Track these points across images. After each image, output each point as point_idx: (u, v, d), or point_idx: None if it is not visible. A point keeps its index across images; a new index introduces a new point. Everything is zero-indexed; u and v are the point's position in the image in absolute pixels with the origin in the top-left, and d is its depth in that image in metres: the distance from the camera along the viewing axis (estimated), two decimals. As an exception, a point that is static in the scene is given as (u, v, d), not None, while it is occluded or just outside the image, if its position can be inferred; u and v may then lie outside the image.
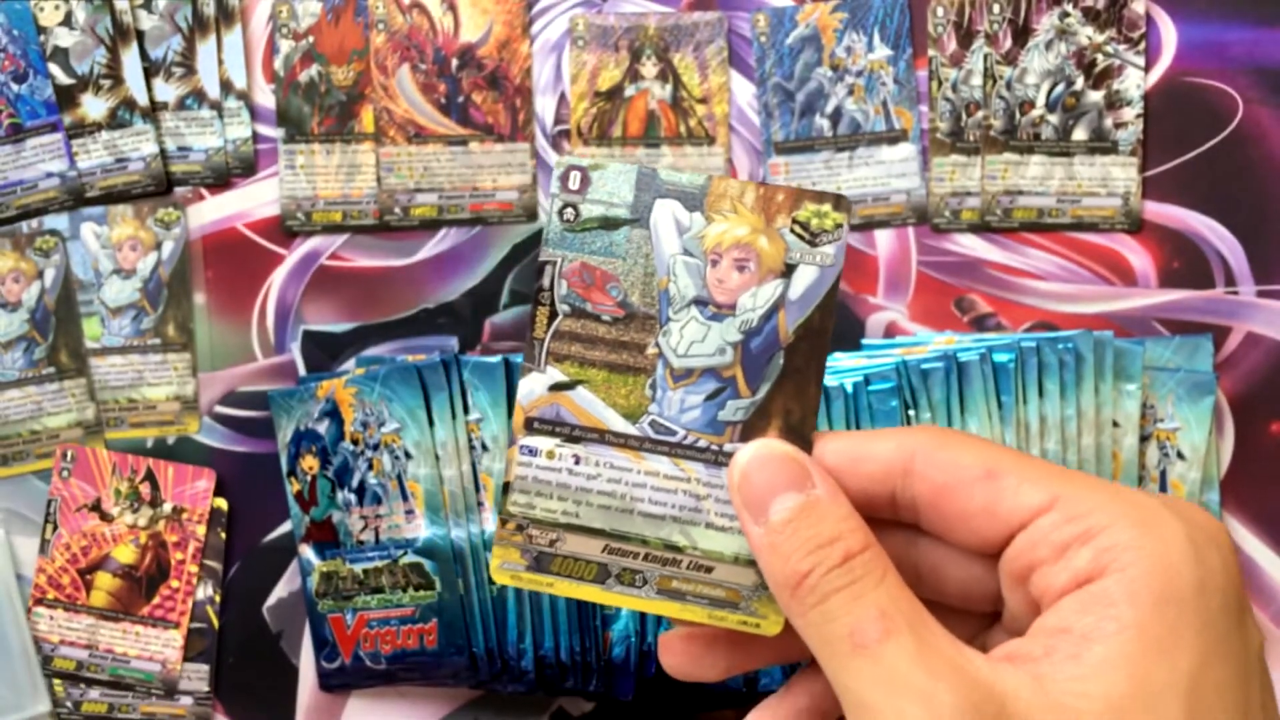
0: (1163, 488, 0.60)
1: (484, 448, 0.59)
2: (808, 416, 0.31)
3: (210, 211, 0.64)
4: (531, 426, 0.32)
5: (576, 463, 0.32)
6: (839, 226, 0.31)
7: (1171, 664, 0.25)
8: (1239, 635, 0.26)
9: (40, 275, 0.63)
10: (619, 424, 0.32)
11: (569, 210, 0.32)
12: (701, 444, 0.32)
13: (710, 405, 0.32)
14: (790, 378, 0.31)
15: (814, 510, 0.28)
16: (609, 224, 0.32)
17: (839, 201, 0.31)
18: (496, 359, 0.59)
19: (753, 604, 0.32)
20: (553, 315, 0.32)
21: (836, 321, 0.33)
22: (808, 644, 0.28)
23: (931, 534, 0.31)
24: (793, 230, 0.31)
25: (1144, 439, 0.59)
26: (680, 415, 0.32)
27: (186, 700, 0.62)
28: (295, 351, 0.64)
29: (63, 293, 0.64)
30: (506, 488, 0.32)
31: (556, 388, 0.32)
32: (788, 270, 0.31)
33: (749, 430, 0.32)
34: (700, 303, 0.32)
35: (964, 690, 0.25)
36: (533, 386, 0.32)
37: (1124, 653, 0.25)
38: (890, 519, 0.31)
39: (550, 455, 0.32)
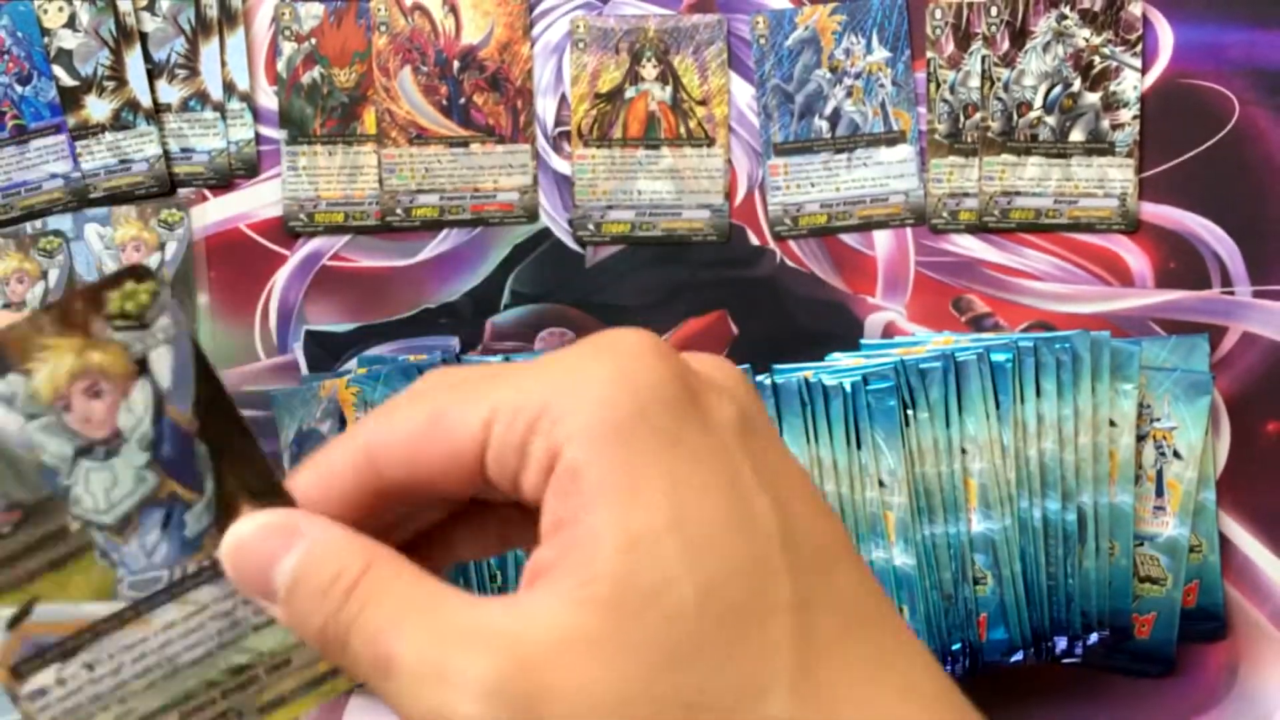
0: (1159, 487, 0.60)
1: (485, 447, 0.59)
2: (265, 473, 0.29)
3: (213, 212, 0.65)
4: (20, 672, 0.29)
5: (92, 670, 0.29)
6: (156, 295, 0.28)
7: (645, 497, 0.25)
8: (695, 427, 0.26)
9: (44, 275, 0.64)
10: (101, 610, 0.29)
11: None
12: (190, 568, 0.29)
13: (171, 531, 0.29)
14: (223, 454, 0.29)
15: (310, 559, 0.27)
16: None
17: (137, 273, 0.28)
18: (497, 359, 0.60)
19: (310, 687, 0.30)
20: None
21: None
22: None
23: (434, 505, 0.30)
24: (115, 327, 0.28)
25: (1140, 438, 0.60)
26: (152, 559, 0.29)
27: (189, 698, 0.63)
28: (298, 351, 0.64)
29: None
30: None
31: (14, 623, 0.29)
32: (141, 366, 0.28)
33: (224, 526, 0.29)
34: (84, 452, 0.28)
35: (483, 654, 0.24)
36: None
37: (603, 516, 0.25)
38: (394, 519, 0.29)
39: (61, 683, 0.29)
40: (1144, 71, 0.63)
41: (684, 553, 0.24)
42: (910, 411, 0.57)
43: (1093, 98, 0.62)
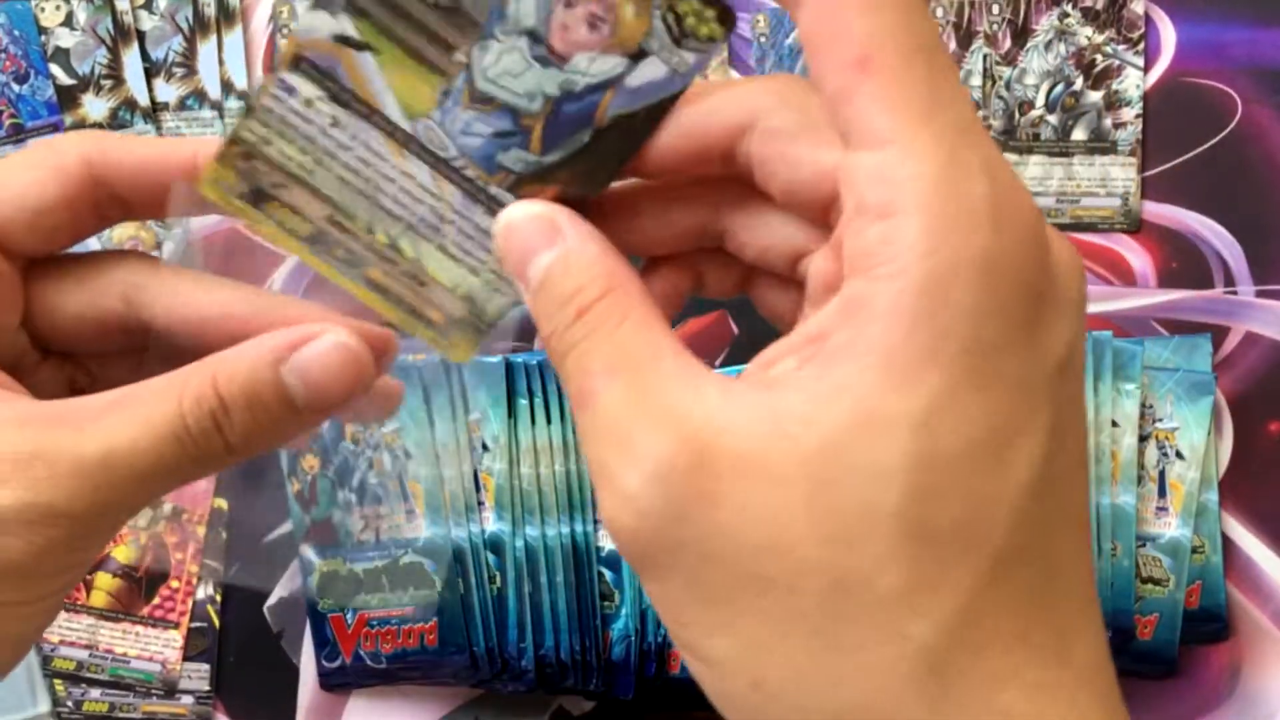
0: (1161, 487, 0.60)
1: (484, 447, 0.59)
2: (588, 199, 0.29)
3: (211, 212, 0.64)
4: (299, 65, 0.28)
5: (333, 125, 0.29)
6: (711, 40, 0.28)
7: (911, 393, 0.23)
8: (1024, 351, 0.23)
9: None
10: (394, 112, 0.29)
11: None
12: (469, 172, 0.29)
13: (494, 143, 0.29)
14: (586, 159, 0.29)
15: (561, 265, 0.27)
16: None
17: (725, 15, 0.27)
18: (497, 359, 0.59)
19: (450, 331, 0.31)
20: None
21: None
22: None
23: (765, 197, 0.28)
24: (664, 16, 0.27)
25: (1143, 438, 0.59)
26: (460, 136, 0.29)
27: (187, 699, 0.63)
28: (296, 351, 0.64)
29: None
30: (249, 111, 0.29)
31: (342, 40, 0.28)
32: (639, 54, 0.28)
33: (522, 186, 0.29)
34: (534, 38, 0.28)
35: (665, 436, 0.24)
36: (316, 24, 0.28)
37: (860, 380, 0.23)
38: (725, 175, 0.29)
39: (308, 104, 0.29)
40: (1146, 70, 0.62)
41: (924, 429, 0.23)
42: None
43: (1095, 96, 0.62)
